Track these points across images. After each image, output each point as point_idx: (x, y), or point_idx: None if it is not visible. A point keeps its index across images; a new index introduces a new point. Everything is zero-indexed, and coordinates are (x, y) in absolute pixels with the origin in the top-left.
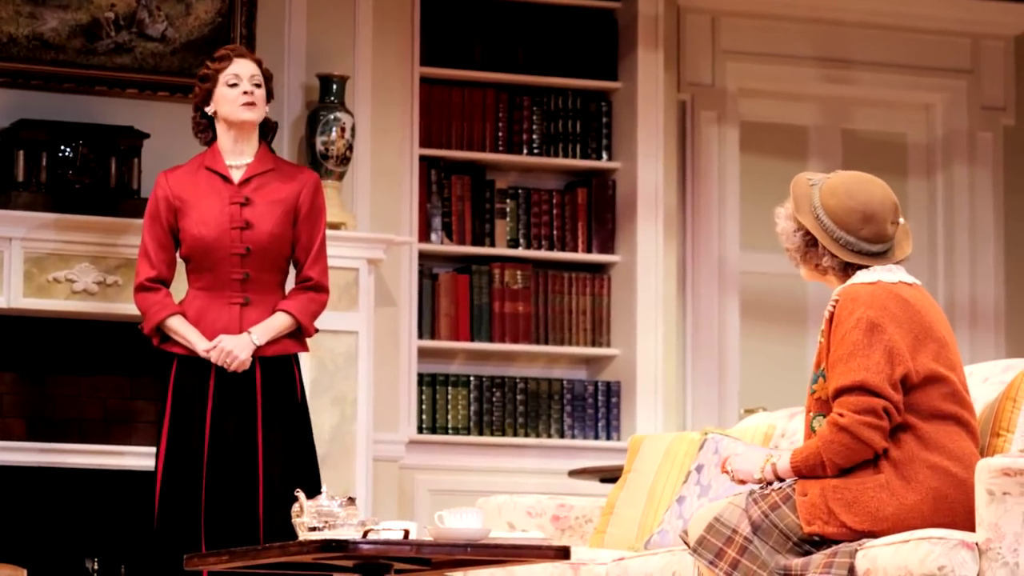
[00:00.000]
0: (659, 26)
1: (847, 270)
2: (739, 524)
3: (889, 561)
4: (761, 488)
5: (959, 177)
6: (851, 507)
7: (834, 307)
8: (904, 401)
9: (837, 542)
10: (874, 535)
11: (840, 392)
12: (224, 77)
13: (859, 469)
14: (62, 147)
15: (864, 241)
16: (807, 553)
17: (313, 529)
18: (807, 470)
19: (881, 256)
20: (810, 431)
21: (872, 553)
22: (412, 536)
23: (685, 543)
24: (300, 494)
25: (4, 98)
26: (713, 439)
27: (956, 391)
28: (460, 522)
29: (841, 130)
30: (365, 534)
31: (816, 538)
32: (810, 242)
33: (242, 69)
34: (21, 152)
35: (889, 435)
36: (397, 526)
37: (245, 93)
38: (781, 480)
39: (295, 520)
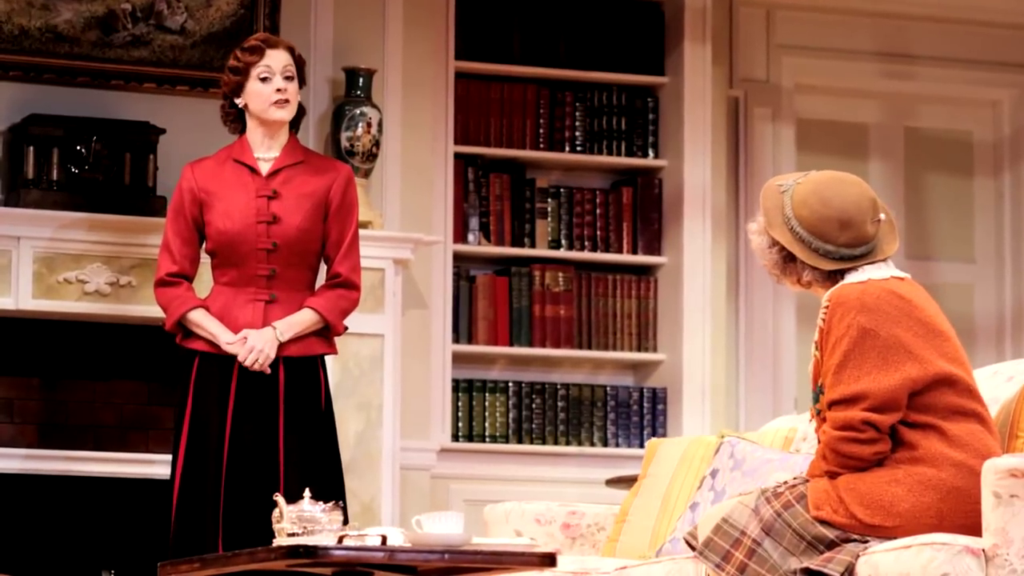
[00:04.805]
0: (707, 19)
1: (832, 277)
2: (748, 525)
3: (891, 568)
4: (775, 486)
5: None
6: (863, 499)
7: (825, 315)
8: (919, 403)
9: (846, 536)
10: (884, 529)
11: (829, 406)
12: (256, 71)
13: (876, 465)
14: (75, 143)
15: (844, 247)
16: (820, 554)
17: (293, 535)
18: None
19: (865, 257)
20: None
21: (874, 559)
22: (392, 543)
23: (690, 546)
24: (279, 499)
25: (15, 92)
26: (729, 442)
27: (970, 387)
28: (439, 527)
29: (904, 128)
30: (340, 540)
31: (827, 535)
32: (787, 257)
33: (275, 61)
34: (31, 148)
35: (914, 430)
36: (376, 532)
37: (278, 91)
38: None
39: (275, 526)
